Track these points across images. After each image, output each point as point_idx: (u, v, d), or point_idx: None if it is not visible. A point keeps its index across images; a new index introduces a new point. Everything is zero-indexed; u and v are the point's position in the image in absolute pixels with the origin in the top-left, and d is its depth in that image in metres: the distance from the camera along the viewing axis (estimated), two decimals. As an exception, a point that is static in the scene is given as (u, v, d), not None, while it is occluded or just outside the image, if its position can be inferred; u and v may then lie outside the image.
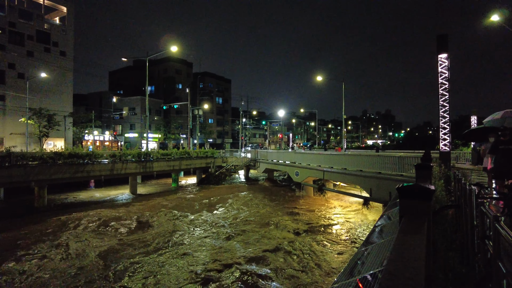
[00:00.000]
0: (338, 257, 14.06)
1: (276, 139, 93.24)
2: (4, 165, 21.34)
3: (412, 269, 1.41)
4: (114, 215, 21.92)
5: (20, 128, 39.97)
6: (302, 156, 30.75)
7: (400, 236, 2.03)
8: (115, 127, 65.51)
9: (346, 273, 5.49)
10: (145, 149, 36.20)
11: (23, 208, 23.85)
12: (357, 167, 21.22)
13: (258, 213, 22.62)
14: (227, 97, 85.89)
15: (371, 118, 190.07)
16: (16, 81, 41.40)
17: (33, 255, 13.93)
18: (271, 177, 41.68)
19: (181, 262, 13.26)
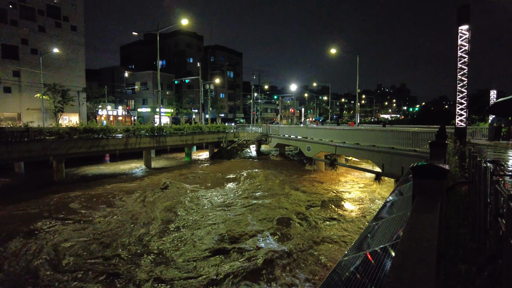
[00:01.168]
0: (349, 231, 14.29)
1: (288, 114, 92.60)
2: (23, 140, 22.00)
3: (424, 249, 1.46)
4: (131, 187, 22.63)
5: (36, 103, 40.68)
6: (314, 131, 30.59)
7: (413, 215, 2.07)
8: (127, 102, 66.03)
9: (356, 247, 5.61)
10: (158, 123, 36.57)
11: (43, 181, 24.76)
12: (370, 142, 21.04)
13: (269, 186, 22.94)
14: (238, 71, 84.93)
15: (385, 92, 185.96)
16: (30, 57, 41.70)
17: (55, 223, 14.62)
18: (283, 152, 41.81)
19: (197, 232, 13.71)
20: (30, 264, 10.85)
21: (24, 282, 9.77)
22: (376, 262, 4.05)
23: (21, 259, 11.21)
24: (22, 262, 10.96)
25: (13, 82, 40.08)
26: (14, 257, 11.32)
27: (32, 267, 10.65)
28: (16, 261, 11.06)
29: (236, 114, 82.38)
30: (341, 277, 4.16)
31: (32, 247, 12.17)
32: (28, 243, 12.60)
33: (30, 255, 11.54)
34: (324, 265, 10.79)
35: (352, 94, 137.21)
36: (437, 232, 1.68)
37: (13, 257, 11.37)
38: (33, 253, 11.76)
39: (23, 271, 10.38)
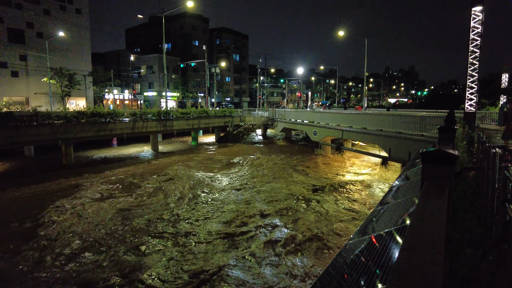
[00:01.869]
0: (354, 215, 14.40)
1: (294, 98, 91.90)
2: (32, 124, 22.28)
3: (433, 233, 1.49)
4: (139, 170, 22.95)
5: (44, 88, 40.88)
6: (320, 115, 30.42)
7: (422, 200, 2.10)
8: (134, 85, 66.01)
9: (361, 231, 5.67)
10: (164, 107, 36.65)
11: (53, 165, 25.17)
12: (377, 126, 20.91)
13: (275, 171, 23.05)
14: (244, 54, 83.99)
15: (393, 75, 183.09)
16: (36, 41, 41.62)
17: (69, 204, 14.96)
18: (289, 136, 41.77)
19: (206, 213, 13.95)
20: (62, 235, 11.20)
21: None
22: (380, 246, 4.11)
23: (53, 232, 11.57)
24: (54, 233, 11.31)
25: (20, 66, 40.18)
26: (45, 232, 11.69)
27: (65, 238, 10.99)
28: (49, 234, 11.42)
29: (242, 98, 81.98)
30: (346, 260, 4.23)
31: (61, 221, 12.53)
32: (53, 218, 12.97)
33: (61, 227, 11.90)
34: (330, 248, 10.95)
35: (360, 78, 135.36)
36: (445, 216, 1.71)
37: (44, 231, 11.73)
38: (64, 226, 12.15)
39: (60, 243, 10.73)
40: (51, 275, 9.21)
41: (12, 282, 8.92)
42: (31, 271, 9.43)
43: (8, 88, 39.45)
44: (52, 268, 9.62)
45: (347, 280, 3.34)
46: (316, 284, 3.51)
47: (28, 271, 9.44)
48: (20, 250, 10.75)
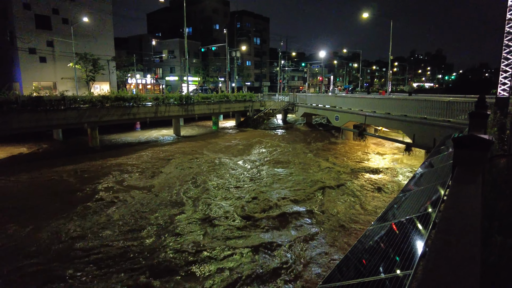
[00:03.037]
0: (376, 202, 14.21)
1: (315, 82, 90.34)
2: (60, 108, 23.07)
3: (468, 217, 1.43)
4: (163, 154, 23.51)
5: (69, 73, 42.00)
6: (343, 100, 29.83)
7: (454, 185, 2.02)
8: (156, 70, 66.75)
9: (382, 218, 5.59)
10: (186, 92, 36.96)
11: (80, 147, 26.13)
12: (401, 111, 20.32)
13: (296, 156, 22.97)
14: (265, 38, 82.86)
15: (419, 59, 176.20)
16: (61, 27, 42.51)
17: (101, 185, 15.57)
18: (309, 122, 41.32)
19: (226, 196, 14.15)
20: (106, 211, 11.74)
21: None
22: (401, 233, 4.03)
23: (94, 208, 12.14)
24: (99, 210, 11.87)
25: (47, 52, 41.33)
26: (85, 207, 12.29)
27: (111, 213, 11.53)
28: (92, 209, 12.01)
29: (262, 82, 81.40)
30: (365, 246, 4.19)
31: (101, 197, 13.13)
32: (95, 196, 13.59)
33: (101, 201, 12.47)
34: (350, 234, 10.90)
35: (384, 61, 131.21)
36: (480, 201, 1.64)
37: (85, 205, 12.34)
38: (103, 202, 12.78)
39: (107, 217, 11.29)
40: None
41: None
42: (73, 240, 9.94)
43: (37, 74, 40.78)
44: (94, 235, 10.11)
45: (366, 266, 3.31)
46: (335, 269, 3.50)
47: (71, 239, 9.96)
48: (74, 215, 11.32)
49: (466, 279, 1.27)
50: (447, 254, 1.21)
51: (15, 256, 9.38)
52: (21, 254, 9.48)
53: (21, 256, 9.37)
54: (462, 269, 1.29)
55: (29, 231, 10.97)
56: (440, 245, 1.28)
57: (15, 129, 21.52)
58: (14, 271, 8.67)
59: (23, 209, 13.13)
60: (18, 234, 10.83)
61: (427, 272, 1.26)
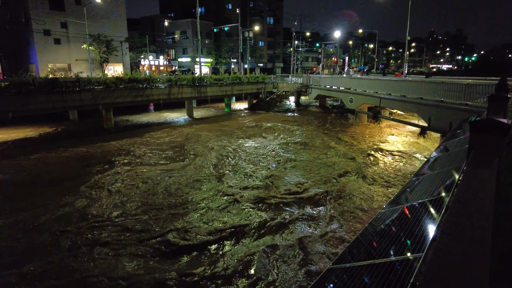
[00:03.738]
0: (389, 186, 14.16)
1: (330, 63, 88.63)
2: (75, 90, 23.42)
3: (481, 201, 1.44)
4: (176, 135, 23.89)
5: (83, 54, 42.29)
6: (357, 82, 29.31)
7: (469, 169, 2.01)
8: (168, 51, 66.53)
9: (394, 201, 5.60)
10: (198, 74, 36.88)
11: (95, 128, 26.66)
12: (417, 94, 19.89)
13: (309, 139, 22.89)
14: (278, 17, 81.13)
15: (438, 39, 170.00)
16: (75, 8, 42.51)
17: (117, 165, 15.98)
18: (323, 104, 40.88)
19: (239, 181, 14.34)
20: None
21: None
22: (413, 217, 4.05)
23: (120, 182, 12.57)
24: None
25: (61, 33, 41.57)
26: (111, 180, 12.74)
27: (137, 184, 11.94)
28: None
29: (275, 63, 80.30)
30: (376, 229, 4.23)
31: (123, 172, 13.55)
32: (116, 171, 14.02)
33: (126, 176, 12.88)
34: (361, 217, 10.95)
35: (401, 42, 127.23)
36: (494, 185, 1.64)
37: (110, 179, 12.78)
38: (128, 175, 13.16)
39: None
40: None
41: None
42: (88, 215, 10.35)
43: (52, 55, 41.21)
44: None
45: (376, 248, 3.35)
46: (345, 251, 3.56)
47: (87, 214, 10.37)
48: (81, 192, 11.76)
49: (476, 260, 1.29)
50: (458, 235, 1.23)
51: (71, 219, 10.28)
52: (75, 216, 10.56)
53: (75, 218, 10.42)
54: (472, 251, 1.31)
55: (70, 199, 11.45)
56: (452, 226, 1.30)
57: (32, 110, 22.04)
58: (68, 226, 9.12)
59: (65, 180, 14.35)
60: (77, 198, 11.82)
61: (437, 252, 1.29)
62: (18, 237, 9.63)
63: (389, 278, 2.46)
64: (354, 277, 2.82)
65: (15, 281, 7.50)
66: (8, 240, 9.46)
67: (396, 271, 2.56)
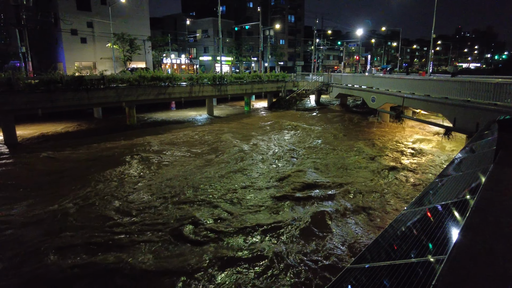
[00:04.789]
0: (411, 187, 13.85)
1: (352, 61, 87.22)
2: (100, 87, 24.12)
3: (507, 200, 1.42)
4: (197, 132, 24.40)
5: (107, 52, 43.49)
6: (380, 81, 28.76)
7: (495, 168, 1.96)
8: (190, 50, 67.36)
9: (415, 203, 5.49)
10: (219, 72, 37.20)
11: (119, 125, 27.43)
12: (442, 94, 19.33)
13: (329, 138, 22.68)
14: (300, 15, 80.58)
15: (465, 37, 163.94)
16: (100, 8, 43.76)
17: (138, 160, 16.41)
18: (344, 103, 40.35)
19: (260, 178, 14.40)
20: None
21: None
22: (435, 219, 3.96)
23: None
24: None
25: (87, 33, 42.92)
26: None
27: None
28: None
29: (296, 62, 79.83)
30: (396, 231, 4.16)
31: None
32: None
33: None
34: (381, 219, 10.77)
35: (425, 40, 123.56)
36: None
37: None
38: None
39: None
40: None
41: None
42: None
43: (78, 54, 42.62)
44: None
45: (396, 250, 3.31)
46: (364, 251, 3.53)
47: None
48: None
49: (501, 263, 1.26)
50: (483, 237, 1.22)
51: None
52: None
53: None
54: (498, 252, 1.28)
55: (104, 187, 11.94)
56: (477, 227, 1.28)
57: (60, 106, 22.87)
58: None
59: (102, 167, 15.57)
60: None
61: (461, 253, 1.28)
62: (96, 203, 11.71)
63: (410, 279, 2.43)
64: (373, 278, 2.80)
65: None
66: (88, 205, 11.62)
67: (417, 273, 2.52)
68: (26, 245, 8.98)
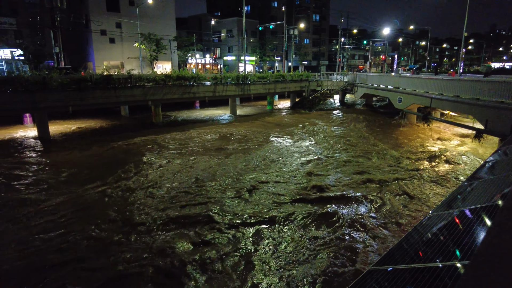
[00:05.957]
0: (438, 190, 13.40)
1: (378, 61, 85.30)
2: (127, 86, 24.84)
3: None
4: (221, 131, 24.72)
5: (135, 52, 44.66)
6: (407, 81, 27.98)
7: None
8: (214, 50, 68.06)
9: (442, 206, 5.32)
10: (242, 72, 37.40)
11: (145, 123, 28.17)
12: (473, 94, 18.57)
13: (354, 139, 22.29)
14: (325, 14, 79.59)
15: (501, 35, 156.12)
16: (128, 9, 44.98)
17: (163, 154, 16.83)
18: (369, 103, 39.55)
19: (279, 180, 14.38)
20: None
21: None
22: (463, 224, 3.83)
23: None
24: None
25: (116, 33, 44.26)
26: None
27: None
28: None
29: (320, 61, 78.93)
30: (421, 236, 4.06)
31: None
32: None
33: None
34: (406, 222, 10.50)
35: (456, 39, 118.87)
36: None
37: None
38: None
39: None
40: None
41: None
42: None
43: (107, 54, 44.03)
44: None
45: (420, 253, 3.22)
46: (387, 253, 3.46)
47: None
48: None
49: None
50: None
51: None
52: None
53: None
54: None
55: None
56: (508, 228, 1.23)
57: (89, 104, 23.73)
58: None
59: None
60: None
61: (488, 259, 1.23)
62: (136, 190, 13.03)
63: (435, 284, 2.36)
64: (396, 280, 2.74)
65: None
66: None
67: (442, 277, 2.45)
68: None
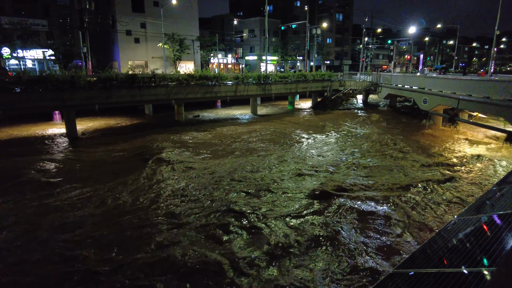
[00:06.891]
0: (466, 194, 12.95)
1: (402, 61, 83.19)
2: (151, 85, 25.42)
3: None
4: (242, 130, 25.11)
5: (158, 52, 45.60)
6: (433, 81, 27.16)
7: None
8: (236, 50, 68.45)
9: (470, 211, 5.15)
10: (264, 72, 37.45)
11: (168, 121, 28.78)
12: (505, 95, 17.81)
13: (377, 141, 21.82)
14: (348, 13, 78.40)
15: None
16: (152, 9, 45.96)
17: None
18: (393, 104, 38.67)
19: (296, 181, 14.33)
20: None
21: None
22: (492, 232, 3.70)
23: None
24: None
25: (140, 33, 45.34)
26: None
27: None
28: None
29: (343, 61, 77.85)
30: (446, 242, 3.94)
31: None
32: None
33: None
34: (430, 226, 10.22)
35: (488, 38, 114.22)
36: None
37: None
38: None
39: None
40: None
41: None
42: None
43: (132, 53, 45.18)
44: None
45: (444, 258, 3.14)
46: (410, 257, 3.39)
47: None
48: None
49: None
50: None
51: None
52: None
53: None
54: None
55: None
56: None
57: (115, 102, 24.44)
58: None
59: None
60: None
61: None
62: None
63: (459, 290, 2.30)
64: (418, 284, 2.69)
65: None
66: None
67: (468, 284, 2.38)
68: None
